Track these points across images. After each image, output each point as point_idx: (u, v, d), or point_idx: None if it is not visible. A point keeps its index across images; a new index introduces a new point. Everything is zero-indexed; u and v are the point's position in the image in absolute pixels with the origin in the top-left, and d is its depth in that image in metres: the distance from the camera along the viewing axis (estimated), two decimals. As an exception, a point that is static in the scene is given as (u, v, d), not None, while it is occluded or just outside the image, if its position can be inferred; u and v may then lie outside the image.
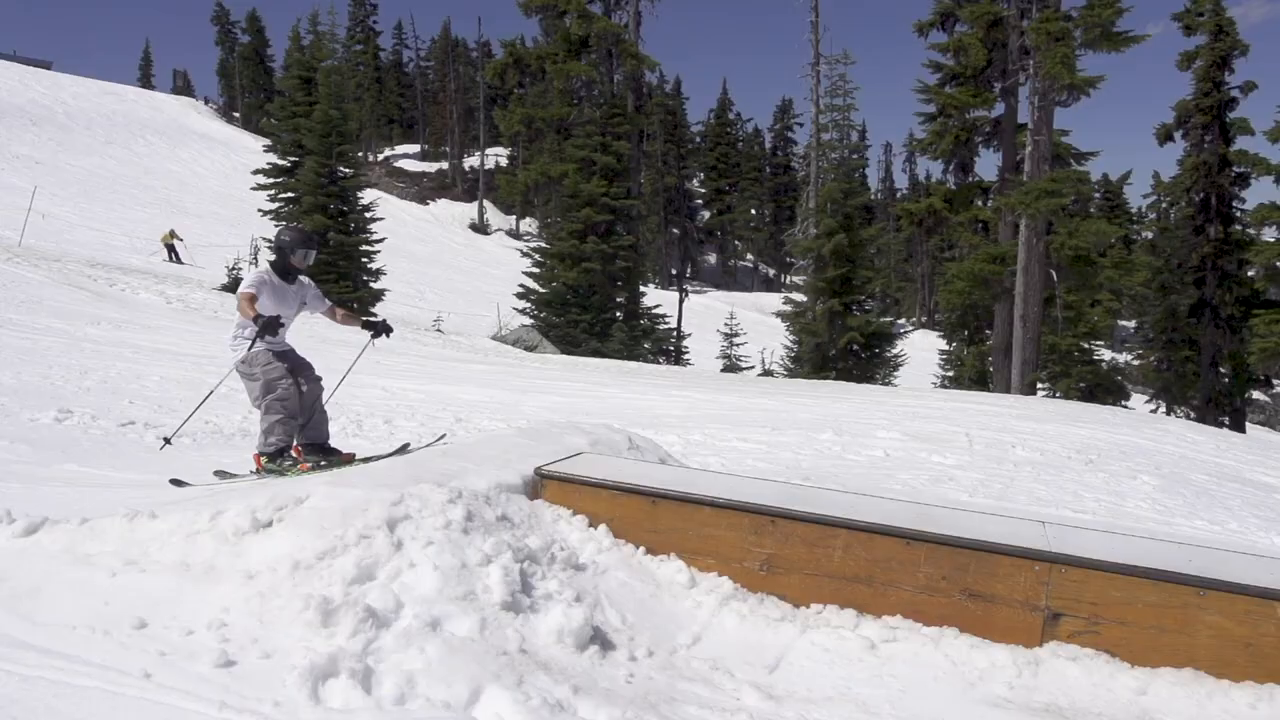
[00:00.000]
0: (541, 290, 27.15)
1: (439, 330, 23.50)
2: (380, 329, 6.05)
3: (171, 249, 30.85)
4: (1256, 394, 36.10)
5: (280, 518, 3.82)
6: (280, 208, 27.98)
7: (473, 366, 16.29)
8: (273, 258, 5.86)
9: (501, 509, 4.23)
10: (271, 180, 29.05)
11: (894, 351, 26.71)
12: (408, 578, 3.53)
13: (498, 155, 70.71)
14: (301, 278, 5.80)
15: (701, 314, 43.84)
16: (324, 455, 5.68)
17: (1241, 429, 27.28)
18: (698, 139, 78.54)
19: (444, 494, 4.06)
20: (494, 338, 23.98)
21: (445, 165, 72.96)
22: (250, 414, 8.58)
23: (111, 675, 2.86)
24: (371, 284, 26.47)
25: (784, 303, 28.65)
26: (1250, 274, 28.57)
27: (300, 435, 5.68)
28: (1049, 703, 3.57)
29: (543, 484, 4.62)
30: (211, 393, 6.52)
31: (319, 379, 5.81)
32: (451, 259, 51.37)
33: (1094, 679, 3.72)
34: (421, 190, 67.84)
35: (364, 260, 26.48)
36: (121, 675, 2.87)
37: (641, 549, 4.39)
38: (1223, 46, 28.25)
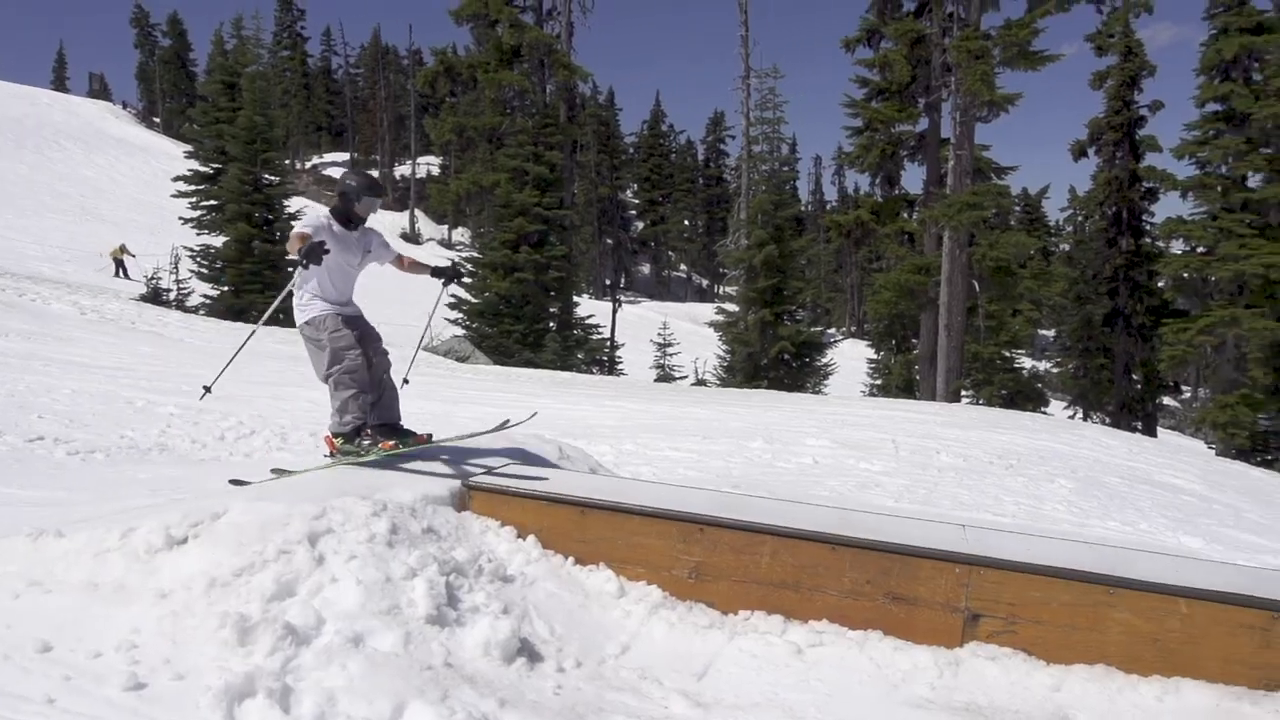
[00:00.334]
0: (474, 300, 26.92)
1: (369, 341, 23.09)
2: (450, 274, 5.73)
3: (120, 264, 29.42)
4: (1167, 399, 37.64)
5: (196, 534, 3.71)
6: (202, 215, 27.22)
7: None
8: (334, 205, 5.17)
9: (428, 521, 4.17)
10: (193, 187, 28.26)
11: (824, 360, 27.14)
12: (330, 593, 3.46)
13: (429, 164, 70.02)
14: (365, 225, 5.26)
15: (636, 324, 43.99)
16: (398, 436, 5.12)
17: (1153, 433, 28.40)
18: (631, 150, 78.93)
19: (368, 507, 3.98)
20: (426, 348, 23.67)
21: (375, 174, 71.86)
22: (168, 429, 8.32)
23: (11, 702, 2.73)
24: (298, 294, 25.88)
25: (717, 313, 28.92)
26: (1159, 284, 29.79)
27: (371, 414, 5.14)
28: (969, 702, 3.66)
29: (470, 495, 4.57)
30: (247, 341, 5.74)
31: (386, 352, 5.31)
32: (382, 269, 50.53)
33: (1011, 677, 3.82)
34: (351, 199, 66.65)
35: (290, 270, 25.88)
36: (22, 701, 2.74)
37: (570, 559, 4.37)
38: (1132, 67, 29.49)
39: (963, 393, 24.67)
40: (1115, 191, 29.85)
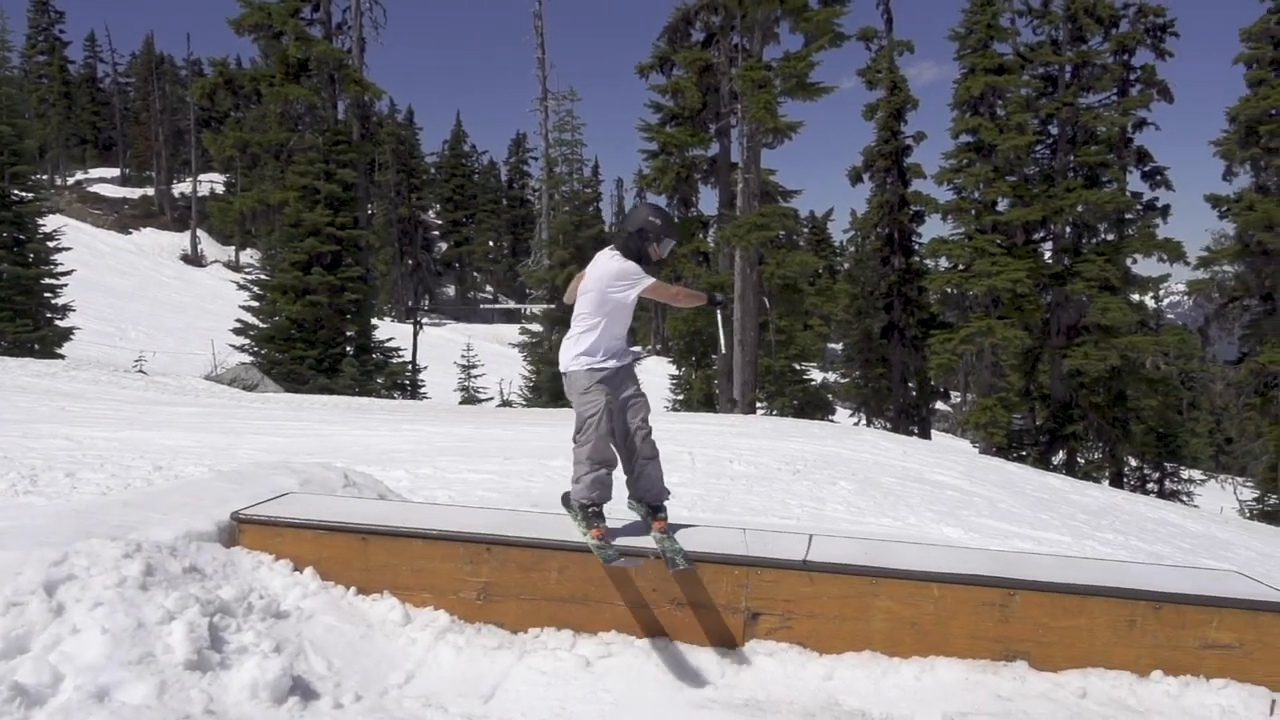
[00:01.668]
0: (262, 325, 25.42)
1: (141, 371, 21.29)
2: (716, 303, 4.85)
3: None
4: (939, 404, 41.12)
5: (-96, 592, 3.26)
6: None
7: (180, 409, 14.89)
8: (623, 239, 4.49)
9: (190, 560, 3.88)
10: (-76, 204, 25.01)
11: (629, 378, 27.59)
12: (69, 645, 3.14)
13: (213, 181, 65.53)
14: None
15: (441, 346, 43.04)
16: (651, 515, 4.49)
17: (927, 435, 30.92)
18: (433, 170, 77.43)
19: (119, 548, 3.66)
20: (208, 377, 22.08)
21: (151, 191, 66.57)
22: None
23: None
24: (57, 321, 23.53)
25: (521, 333, 28.82)
26: (928, 299, 32.53)
27: (633, 491, 4.61)
28: (749, 698, 3.82)
29: (241, 529, 4.31)
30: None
31: (645, 411, 4.56)
32: (159, 293, 46.85)
33: (788, 670, 4.02)
34: (123, 218, 61.40)
35: (46, 295, 23.50)
36: None
37: (352, 589, 4.21)
38: (898, 100, 32.15)
39: (757, 404, 25.84)
40: (887, 214, 32.36)
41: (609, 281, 4.32)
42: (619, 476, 4.51)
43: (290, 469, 5.63)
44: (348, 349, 25.86)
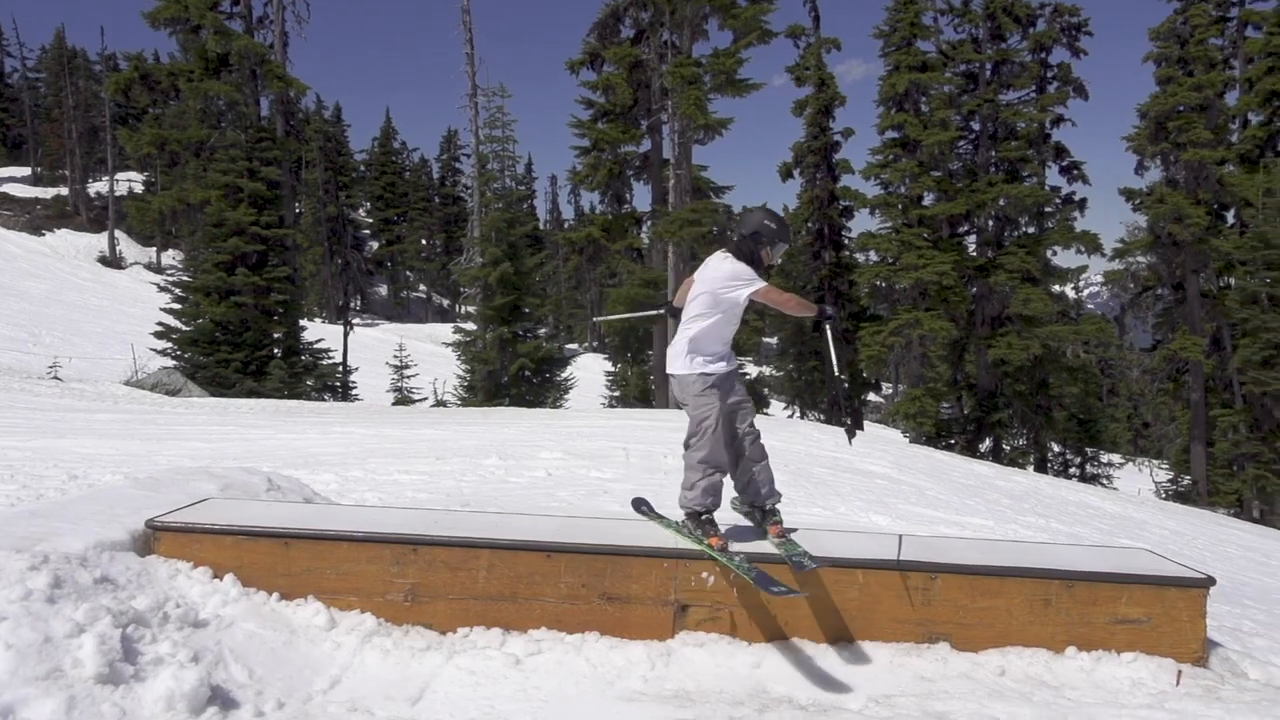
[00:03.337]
0: (185, 328, 24.69)
1: (56, 378, 20.50)
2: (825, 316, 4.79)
3: None
4: (872, 396, 41.87)
5: None
6: None
7: (97, 416, 14.38)
8: (735, 241, 4.47)
9: (102, 570, 3.75)
10: None
11: (564, 375, 27.57)
12: (-30, 663, 3.01)
13: (131, 181, 63.34)
14: None
15: (373, 347, 42.34)
16: (760, 520, 4.56)
17: (860, 426, 31.48)
18: (362, 168, 76.06)
19: (24, 561, 3.52)
20: (128, 383, 21.36)
21: (65, 191, 64.07)
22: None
23: None
24: (-36, 328, 22.52)
25: (454, 332, 28.51)
26: (859, 292, 33.12)
27: (742, 496, 4.60)
28: (678, 689, 3.84)
29: (157, 537, 4.18)
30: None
31: (753, 416, 4.60)
32: (76, 297, 45.12)
33: (717, 660, 4.05)
34: (35, 219, 59.00)
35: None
36: None
37: (275, 595, 4.11)
38: (825, 97, 32.64)
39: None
40: (817, 209, 32.85)
41: (722, 282, 4.31)
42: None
43: (211, 474, 5.49)
44: (275, 351, 25.27)
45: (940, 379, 30.77)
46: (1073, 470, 32.76)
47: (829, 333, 4.90)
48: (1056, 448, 32.16)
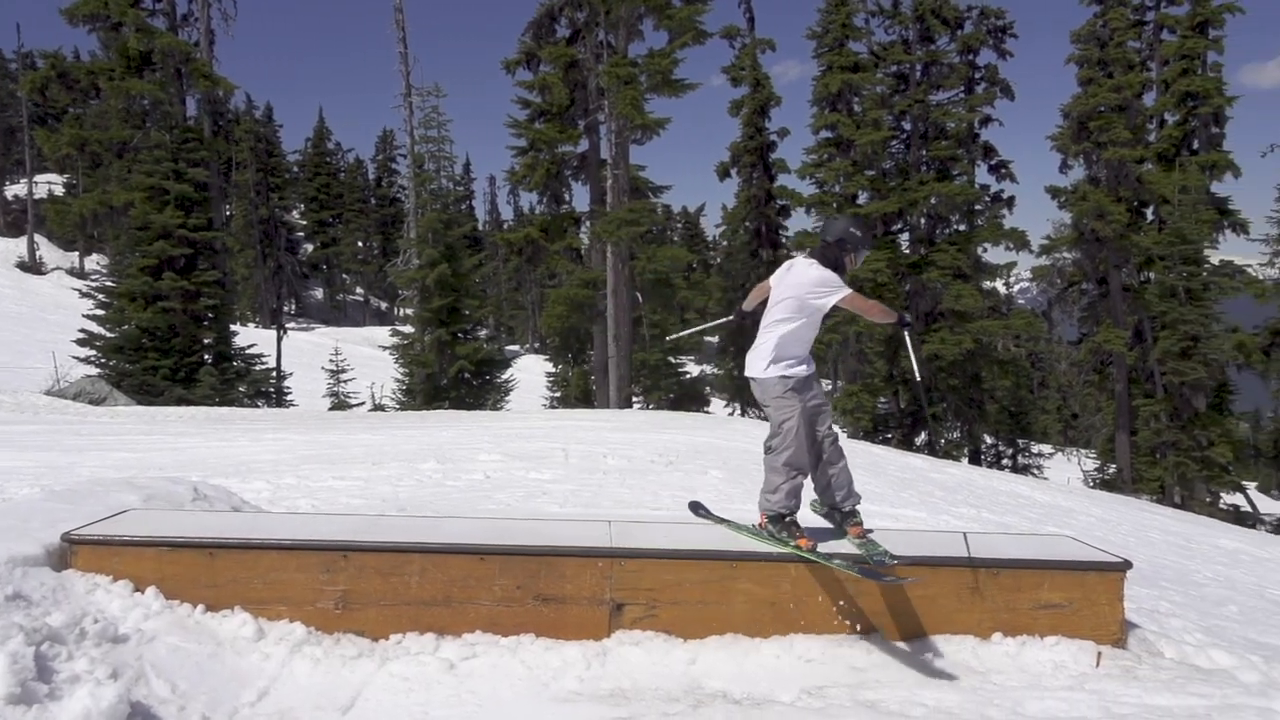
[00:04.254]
0: (110, 335, 23.91)
1: (-28, 389, 19.67)
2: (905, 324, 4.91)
3: None
4: (810, 392, 42.35)
5: None
6: None
7: (15, 428, 13.85)
8: (820, 248, 4.58)
9: (14, 586, 3.61)
10: None
11: (505, 377, 27.38)
12: None
13: (51, 183, 61.06)
14: None
15: (309, 352, 41.52)
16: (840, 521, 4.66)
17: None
18: (296, 169, 74.54)
19: (-71, 579, 3.37)
20: (49, 393, 20.60)
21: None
22: None
23: None
24: None
25: (392, 335, 28.13)
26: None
27: (822, 498, 4.69)
28: (614, 688, 3.84)
29: (74, 551, 4.04)
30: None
31: (831, 419, 4.70)
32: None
33: (653, 658, 4.07)
34: (-55, 223, 56.55)
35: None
36: None
37: (200, 607, 4.01)
38: (761, 97, 33.00)
39: (634, 398, 26.04)
40: (755, 208, 33.19)
41: (809, 288, 4.42)
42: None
43: (133, 485, 5.32)
44: (205, 357, 24.61)
45: (876, 374, 31.32)
46: (1005, 461, 33.65)
47: (908, 339, 5.06)
48: (989, 440, 32.99)
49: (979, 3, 30.10)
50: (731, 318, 5.29)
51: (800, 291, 4.45)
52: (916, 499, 10.27)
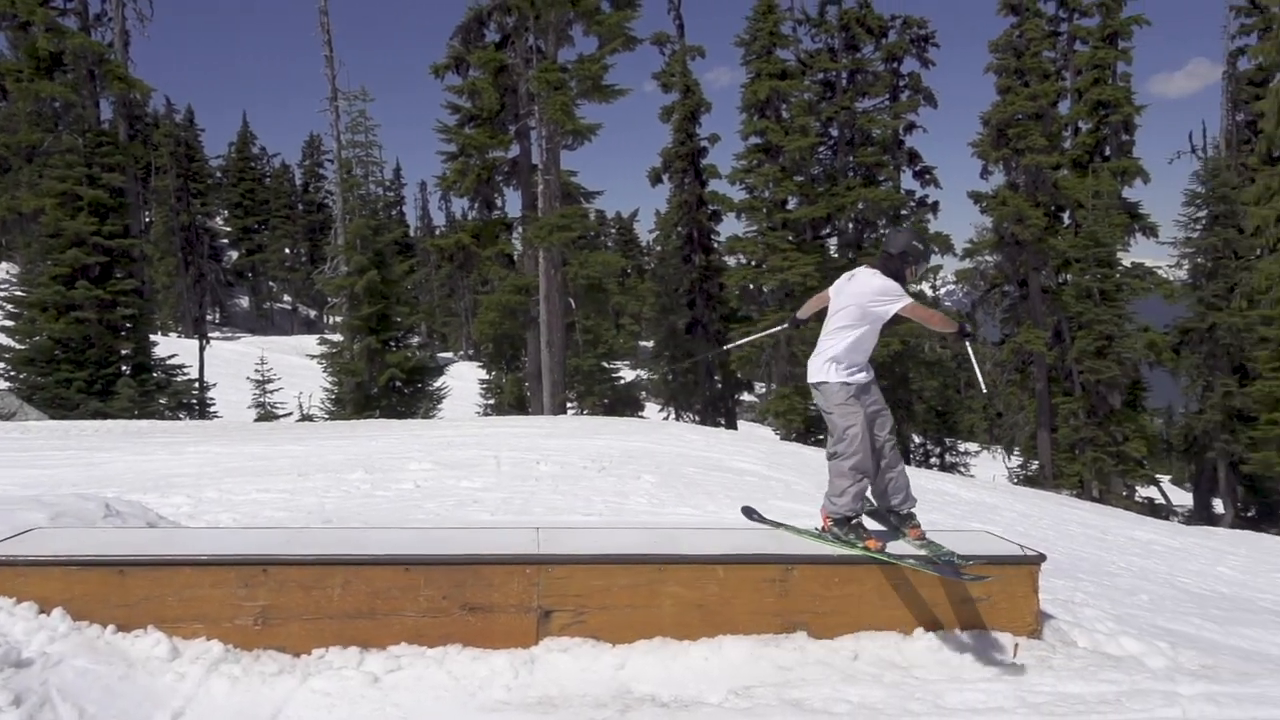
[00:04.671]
0: (20, 346, 22.94)
1: None
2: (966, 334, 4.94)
3: None
4: (746, 395, 42.81)
5: None
6: None
7: (-83, 445, 13.18)
8: (883, 259, 4.65)
9: (-93, 613, 3.45)
10: None
11: (437, 385, 27.03)
12: None
13: (-46, 188, 58.40)
14: None
15: (234, 361, 40.41)
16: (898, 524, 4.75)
17: (734, 426, 32.17)
18: (219, 174, 72.61)
19: None
20: (-47, 408, 19.66)
21: None
22: None
23: None
24: None
25: (320, 343, 27.56)
26: (729, 294, 33.86)
27: (880, 501, 4.76)
28: (542, 696, 3.82)
29: (-27, 573, 3.86)
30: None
31: (892, 425, 4.75)
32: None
33: (581, 664, 4.06)
34: None
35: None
36: None
37: (110, 627, 3.87)
38: (691, 103, 33.25)
39: (568, 404, 25.96)
40: (687, 214, 33.42)
41: (872, 296, 4.51)
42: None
43: (41, 503, 5.12)
44: (123, 368, 23.77)
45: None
46: (933, 460, 34.44)
47: (970, 349, 5.23)
48: (918, 439, 33.71)
49: (902, 12, 30.90)
50: (786, 325, 5.41)
51: (863, 300, 4.55)
52: (846, 499, 10.42)
